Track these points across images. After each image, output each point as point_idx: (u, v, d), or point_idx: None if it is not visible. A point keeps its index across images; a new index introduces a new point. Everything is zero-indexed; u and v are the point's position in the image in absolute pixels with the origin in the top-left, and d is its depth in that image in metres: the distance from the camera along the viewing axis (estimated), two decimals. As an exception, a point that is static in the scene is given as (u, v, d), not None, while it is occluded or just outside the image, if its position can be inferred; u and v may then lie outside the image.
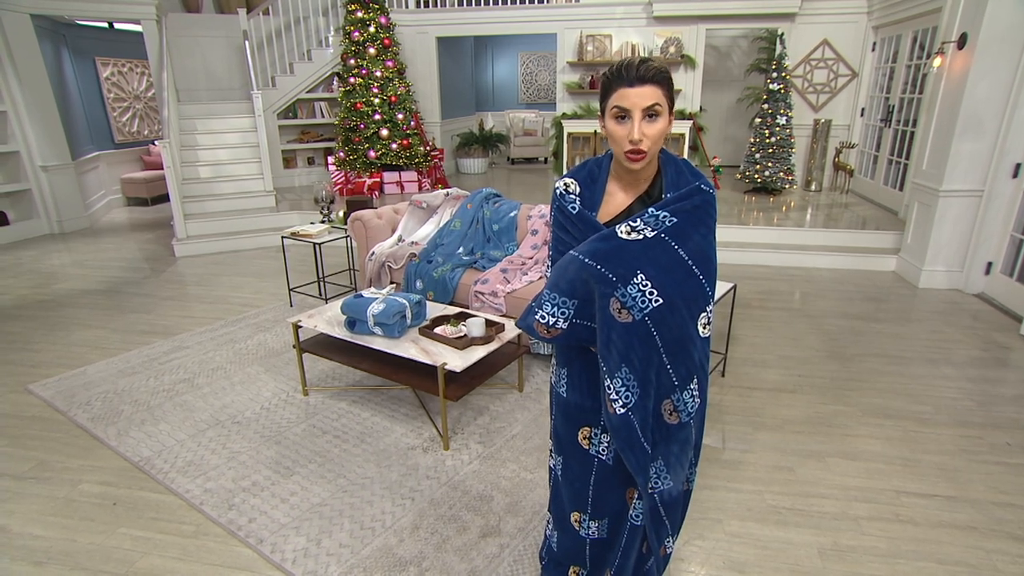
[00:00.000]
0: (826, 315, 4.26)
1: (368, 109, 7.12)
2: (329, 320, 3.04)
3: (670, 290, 1.30)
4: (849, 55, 7.29)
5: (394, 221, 4.27)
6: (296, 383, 3.29)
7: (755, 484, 2.50)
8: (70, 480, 2.55)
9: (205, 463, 2.61)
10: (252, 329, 4.06)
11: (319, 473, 2.53)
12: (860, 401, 3.12)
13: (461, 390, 2.65)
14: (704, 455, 2.68)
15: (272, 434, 2.82)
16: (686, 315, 1.33)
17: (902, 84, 6.29)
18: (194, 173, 6.73)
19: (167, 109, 6.27)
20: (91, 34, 8.08)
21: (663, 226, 1.31)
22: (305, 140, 8.45)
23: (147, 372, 3.47)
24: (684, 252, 1.31)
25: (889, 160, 6.53)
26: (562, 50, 8.18)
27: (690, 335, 1.35)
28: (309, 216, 6.51)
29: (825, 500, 2.39)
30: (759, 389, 3.27)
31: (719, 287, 3.27)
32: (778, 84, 6.89)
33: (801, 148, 7.62)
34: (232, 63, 8.01)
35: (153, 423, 2.94)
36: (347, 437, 2.78)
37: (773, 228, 5.74)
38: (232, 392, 3.21)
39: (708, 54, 8.84)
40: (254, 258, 5.90)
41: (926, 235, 4.75)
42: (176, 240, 6.03)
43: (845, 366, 3.50)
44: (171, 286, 5.07)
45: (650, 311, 1.30)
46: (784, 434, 2.84)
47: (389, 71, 7.21)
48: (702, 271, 1.33)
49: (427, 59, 8.51)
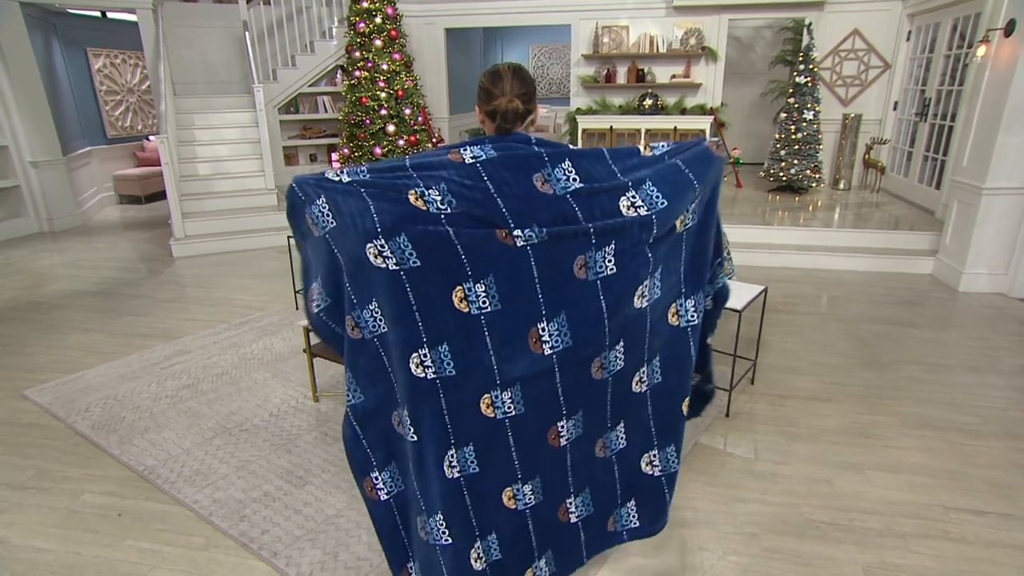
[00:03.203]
0: (859, 320, 4.25)
1: (374, 104, 7.17)
2: (341, 323, 3.05)
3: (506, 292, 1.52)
4: (881, 45, 7.28)
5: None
6: (305, 389, 3.31)
7: (791, 497, 2.50)
8: (71, 490, 2.57)
9: (213, 472, 2.63)
10: (257, 333, 4.08)
11: (334, 483, 2.54)
12: (899, 411, 3.11)
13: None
14: (736, 466, 2.69)
15: (282, 442, 2.83)
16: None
17: (940, 75, 6.27)
18: (192, 170, 6.79)
19: (164, 103, 6.33)
20: (83, 23, 8.16)
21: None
22: (307, 136, 8.51)
23: (148, 377, 3.49)
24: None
25: (925, 156, 6.51)
26: (576, 42, 8.21)
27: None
28: (312, 215, 6.54)
29: (868, 515, 2.39)
30: (791, 397, 3.27)
31: (750, 289, 3.27)
32: (805, 77, 6.89)
33: (829, 144, 7.61)
34: (231, 55, 8.08)
35: (157, 430, 2.96)
36: (361, 446, 2.79)
37: (800, 228, 5.73)
38: (239, 398, 3.23)
39: (730, 46, 8.84)
40: (256, 259, 5.94)
41: (967, 236, 4.73)
42: (174, 240, 6.08)
43: (881, 374, 3.50)
44: (170, 287, 5.11)
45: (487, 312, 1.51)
46: (820, 445, 2.84)
47: (396, 64, 7.25)
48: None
49: (435, 51, 8.56)
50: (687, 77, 7.93)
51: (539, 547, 1.79)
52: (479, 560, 1.67)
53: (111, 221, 7.74)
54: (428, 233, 1.42)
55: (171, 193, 6.03)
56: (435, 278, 1.46)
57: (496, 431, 1.60)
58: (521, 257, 1.47)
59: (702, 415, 2.12)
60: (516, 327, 1.52)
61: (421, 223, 1.41)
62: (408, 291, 1.46)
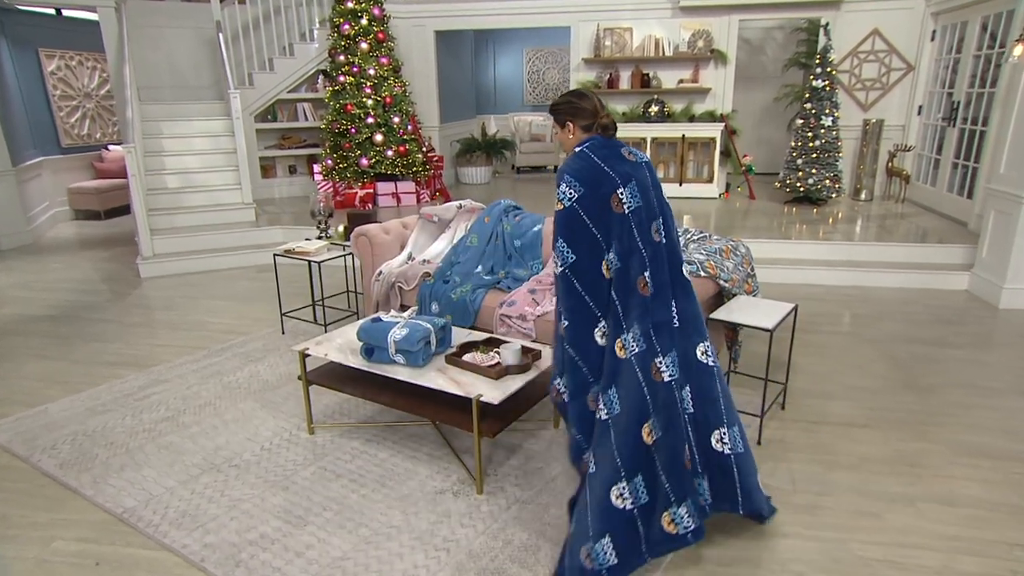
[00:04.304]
0: (892, 340, 4.31)
1: (360, 111, 7.23)
2: (340, 347, 3.05)
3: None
4: (903, 46, 7.46)
5: (403, 237, 4.31)
6: (299, 420, 3.29)
7: (837, 532, 2.50)
8: (40, 537, 2.52)
9: (202, 513, 2.59)
10: (241, 359, 4.07)
11: (337, 522, 2.52)
12: (947, 438, 3.14)
13: (497, 425, 2.66)
14: (773, 498, 2.69)
15: (277, 479, 2.81)
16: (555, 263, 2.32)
17: (968, 77, 6.43)
18: (160, 183, 6.79)
19: (130, 109, 6.34)
20: (34, 21, 8.13)
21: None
22: (286, 146, 8.54)
23: (122, 410, 3.46)
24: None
25: (954, 164, 6.65)
26: (576, 45, 8.35)
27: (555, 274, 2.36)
28: (292, 231, 6.55)
29: (923, 551, 2.40)
30: (826, 423, 3.29)
31: (779, 307, 3.29)
32: (823, 80, 7.04)
33: (849, 152, 7.75)
34: (200, 58, 8.13)
35: (135, 468, 2.92)
36: (365, 481, 2.78)
37: (821, 242, 5.82)
38: (225, 431, 3.20)
39: (739, 48, 9.02)
40: (233, 279, 5.92)
41: (1007, 248, 4.82)
42: (141, 259, 6.06)
43: (923, 397, 3.54)
44: (139, 311, 5.07)
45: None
46: (863, 474, 2.86)
47: (383, 69, 7.34)
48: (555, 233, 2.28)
49: (424, 55, 8.67)
50: (695, 82, 8.08)
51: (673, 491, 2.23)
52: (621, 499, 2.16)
53: (66, 238, 7.69)
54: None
55: (138, 208, 6.01)
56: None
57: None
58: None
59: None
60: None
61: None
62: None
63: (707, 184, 8.06)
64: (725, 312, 3.24)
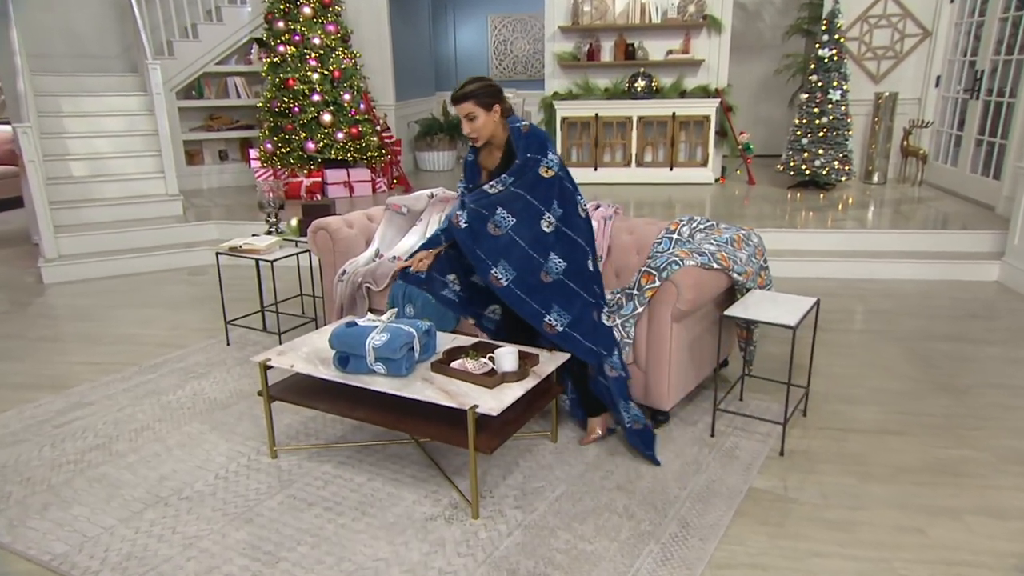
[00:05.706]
0: (919, 337, 4.45)
1: (304, 87, 7.17)
2: (308, 357, 3.03)
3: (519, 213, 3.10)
4: (919, 9, 7.67)
5: (369, 231, 4.29)
6: (257, 443, 3.27)
7: (878, 550, 2.57)
8: (-48, 599, 2.45)
9: (152, 555, 2.55)
10: (180, 376, 4.02)
11: (315, 557, 2.50)
12: (991, 444, 3.26)
13: (495, 439, 2.67)
14: (803, 513, 2.76)
15: (239, 511, 2.78)
16: (533, 224, 3.09)
17: (994, 44, 6.62)
18: (63, 170, 6.65)
19: (21, 81, 6.18)
20: None
21: (507, 183, 3.12)
22: (215, 127, 8.43)
23: (37, 439, 3.38)
24: (524, 191, 3.10)
25: (978, 141, 6.87)
26: (551, 11, 8.40)
27: (540, 232, 3.10)
28: (229, 227, 6.47)
29: (977, 570, 2.46)
30: (854, 431, 3.38)
31: (799, 302, 3.37)
32: (830, 49, 7.20)
33: (859, 130, 7.95)
34: (105, 23, 7.92)
35: (62, 507, 2.85)
36: (342, 509, 2.77)
37: (831, 231, 5.98)
38: (171, 459, 3.16)
39: (734, 15, 9.20)
40: (160, 283, 5.84)
41: (1042, 234, 5.02)
42: (44, 261, 5.93)
43: (960, 400, 3.66)
44: (45, 323, 4.97)
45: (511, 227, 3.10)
46: (901, 486, 2.95)
47: (330, 38, 7.30)
48: (535, 198, 3.07)
49: (376, 23, 8.64)
50: (686, 53, 8.21)
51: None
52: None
53: (-56, 239, 7.45)
54: None
55: (38, 200, 5.88)
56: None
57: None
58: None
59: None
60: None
61: None
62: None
63: (701, 168, 8.21)
64: (740, 308, 3.30)
